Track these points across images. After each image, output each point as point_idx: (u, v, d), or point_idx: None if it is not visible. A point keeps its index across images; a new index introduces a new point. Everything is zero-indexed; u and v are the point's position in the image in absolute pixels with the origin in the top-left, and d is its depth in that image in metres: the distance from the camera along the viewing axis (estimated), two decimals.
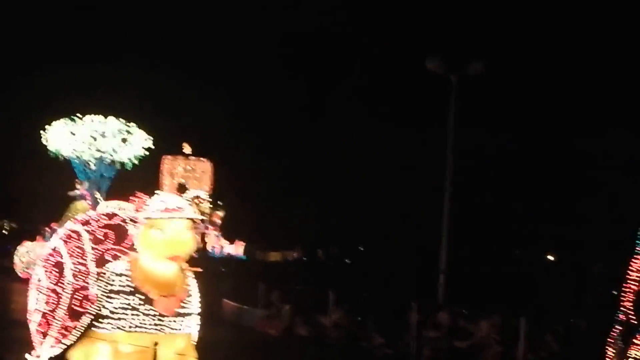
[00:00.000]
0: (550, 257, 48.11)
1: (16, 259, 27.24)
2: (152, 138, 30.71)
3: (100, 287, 9.63)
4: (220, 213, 29.12)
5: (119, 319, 9.57)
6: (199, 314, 9.84)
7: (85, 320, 9.61)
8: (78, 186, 28.19)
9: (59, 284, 9.80)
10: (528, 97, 46.14)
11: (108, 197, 31.30)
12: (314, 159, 44.92)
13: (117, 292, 9.59)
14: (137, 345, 9.76)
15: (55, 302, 9.79)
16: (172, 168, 30.99)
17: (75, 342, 9.72)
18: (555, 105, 46.02)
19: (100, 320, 9.60)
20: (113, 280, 9.62)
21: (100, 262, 9.77)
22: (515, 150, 45.35)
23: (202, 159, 31.40)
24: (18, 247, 27.78)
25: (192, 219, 9.62)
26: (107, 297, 9.60)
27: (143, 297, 9.57)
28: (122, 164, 30.39)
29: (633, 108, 42.46)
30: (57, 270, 9.83)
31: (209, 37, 47.02)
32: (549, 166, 45.71)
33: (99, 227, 9.99)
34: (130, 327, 9.59)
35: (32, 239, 28.63)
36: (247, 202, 31.17)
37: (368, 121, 44.70)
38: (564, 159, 45.21)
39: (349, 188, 43.06)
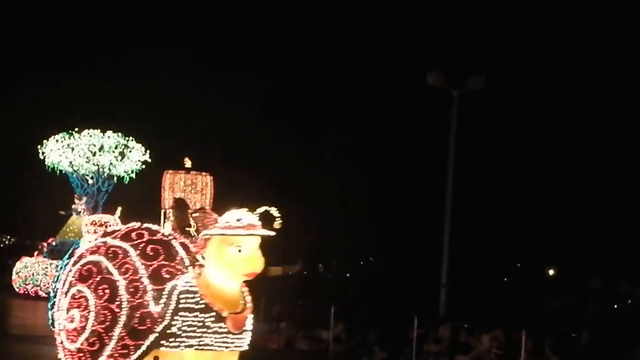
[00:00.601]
0: (551, 271, 48.09)
1: (14, 275, 27.16)
2: (149, 152, 30.72)
3: (163, 304, 9.44)
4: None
5: (189, 337, 9.41)
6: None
7: (150, 338, 9.42)
8: (76, 201, 28.06)
9: (114, 302, 9.51)
10: (528, 111, 46.20)
11: (105, 211, 31.31)
12: (315, 173, 44.95)
13: (187, 310, 9.43)
14: None
15: (110, 321, 9.52)
16: (174, 182, 30.98)
17: None
18: (555, 119, 46.08)
19: (168, 338, 9.42)
20: (181, 298, 9.47)
21: (155, 279, 9.62)
22: (516, 164, 45.36)
23: (203, 173, 31.40)
24: (17, 263, 27.66)
25: (263, 236, 9.38)
26: (176, 314, 9.42)
27: (214, 315, 9.44)
28: (120, 178, 30.38)
29: (635, 121, 42.53)
30: (106, 286, 9.58)
31: (209, 50, 47.09)
32: (549, 179, 45.72)
33: (143, 242, 9.80)
34: (199, 345, 9.46)
35: (30, 255, 28.52)
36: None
37: (369, 135, 44.75)
38: (565, 172, 45.23)
39: (349, 201, 43.10)
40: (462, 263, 30.37)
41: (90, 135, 29.79)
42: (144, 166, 30.32)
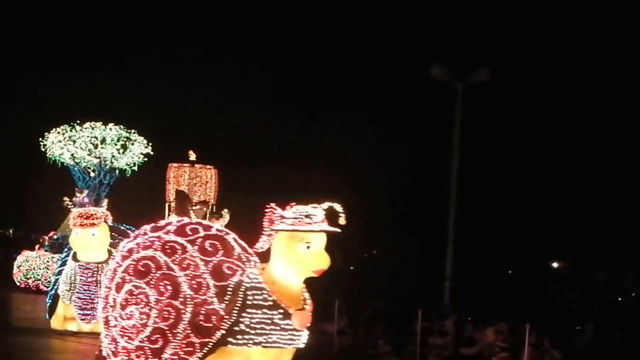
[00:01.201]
0: (555, 265, 48.04)
1: (15, 268, 27.01)
2: (151, 145, 30.59)
3: (228, 301, 9.38)
4: (222, 220, 29.05)
5: (257, 334, 9.41)
6: None
7: (217, 336, 9.36)
8: (78, 194, 27.93)
9: (177, 298, 9.41)
10: (534, 103, 46.11)
11: (107, 204, 31.23)
12: (319, 166, 44.91)
13: (255, 307, 9.40)
14: None
15: (174, 318, 9.38)
16: (178, 175, 30.95)
17: (200, 359, 9.40)
18: (560, 112, 45.97)
19: (235, 335, 9.39)
20: (248, 294, 9.43)
21: (217, 275, 9.49)
22: (521, 157, 45.28)
23: (207, 166, 31.35)
24: (18, 257, 27.51)
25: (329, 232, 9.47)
26: (243, 311, 9.39)
27: (282, 312, 9.45)
28: (122, 171, 30.25)
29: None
30: (168, 283, 9.47)
31: (212, 45, 47.05)
32: (554, 173, 45.64)
33: (200, 237, 9.67)
34: (267, 342, 9.46)
35: (32, 248, 28.44)
36: (251, 209, 31.23)
37: (373, 129, 44.73)
38: (570, 165, 45.15)
39: (353, 195, 43.14)
40: (466, 256, 30.32)
41: (92, 128, 29.64)
42: (146, 159, 30.21)
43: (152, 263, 9.59)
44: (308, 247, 9.36)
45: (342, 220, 9.49)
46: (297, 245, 9.35)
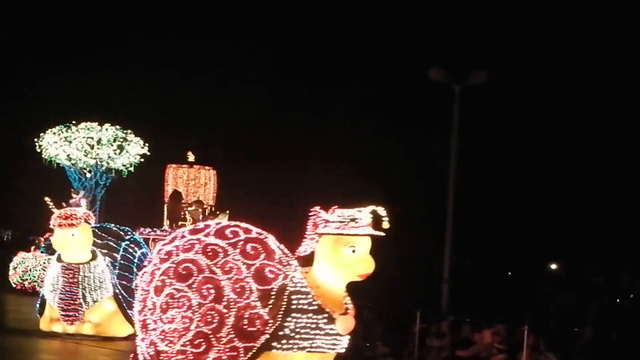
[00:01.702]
0: (553, 266, 48.06)
1: (11, 270, 26.80)
2: (147, 145, 30.40)
3: (272, 305, 9.28)
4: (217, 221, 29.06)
5: (302, 339, 9.34)
6: None
7: (261, 340, 9.26)
8: (74, 195, 27.75)
9: (220, 302, 9.32)
10: (531, 105, 46.13)
11: (102, 205, 31.10)
12: (316, 168, 44.90)
13: (300, 311, 9.33)
14: None
15: (218, 322, 9.29)
16: (177, 176, 30.93)
17: None
18: (558, 114, 46.00)
19: (280, 340, 9.31)
20: (293, 298, 9.34)
21: (259, 278, 9.40)
22: (518, 158, 45.30)
23: (206, 167, 31.32)
24: (14, 258, 27.30)
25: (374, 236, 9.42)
26: (288, 316, 9.31)
27: (327, 316, 9.38)
28: (118, 172, 30.02)
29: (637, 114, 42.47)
30: (211, 286, 9.37)
31: (209, 43, 47.00)
32: (552, 174, 45.67)
33: (242, 240, 9.57)
34: (311, 347, 9.39)
35: (27, 250, 28.28)
36: (250, 211, 31.16)
37: (371, 131, 44.70)
38: (567, 167, 45.18)
39: (351, 196, 43.10)
40: (464, 258, 30.35)
41: (88, 129, 29.37)
42: (142, 160, 30.00)
43: (193, 266, 9.47)
44: (353, 251, 9.28)
45: (385, 224, 9.42)
46: (343, 249, 9.27)
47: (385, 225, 9.38)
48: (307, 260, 9.74)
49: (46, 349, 16.90)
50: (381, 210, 9.40)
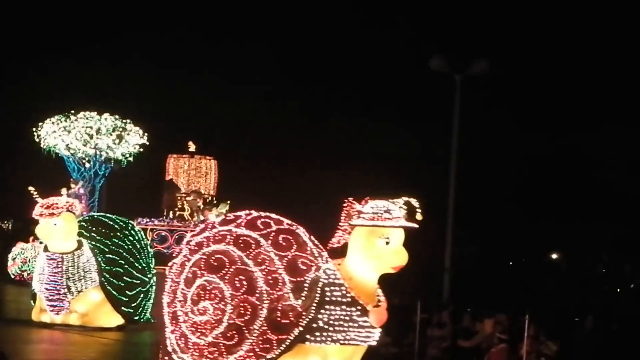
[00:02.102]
0: (554, 256, 48.09)
1: (10, 261, 26.58)
2: (147, 135, 30.23)
3: (304, 297, 9.21)
4: (215, 211, 28.94)
5: (335, 331, 9.25)
6: None
7: (295, 333, 9.19)
8: (73, 185, 27.57)
9: (253, 294, 9.24)
10: (532, 95, 46.11)
11: (102, 195, 30.98)
12: (316, 160, 44.90)
13: (334, 303, 9.25)
14: (346, 358, 9.49)
15: (251, 314, 9.21)
16: (177, 166, 30.90)
17: (277, 356, 9.23)
18: (559, 103, 45.99)
19: (313, 332, 9.22)
20: (326, 290, 9.25)
21: (292, 270, 9.32)
22: (519, 148, 45.31)
23: (207, 157, 31.27)
24: (13, 249, 27.08)
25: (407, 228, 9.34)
26: (321, 308, 9.22)
27: (360, 308, 9.30)
28: (118, 162, 29.87)
29: (638, 106, 42.45)
30: (243, 278, 9.28)
31: (210, 34, 46.92)
32: (553, 164, 45.67)
33: (273, 232, 9.48)
34: (345, 339, 9.30)
35: (27, 240, 28.10)
36: (251, 202, 31.18)
37: (372, 120, 44.69)
38: (568, 157, 45.17)
39: (352, 186, 43.10)
40: (465, 248, 30.38)
41: (87, 118, 29.15)
42: (141, 149, 29.82)
43: (225, 257, 9.40)
44: (387, 243, 9.23)
45: (419, 216, 9.36)
46: (377, 240, 9.21)
47: (419, 216, 9.32)
48: (334, 252, 9.69)
49: (34, 339, 16.85)
50: (414, 202, 9.33)
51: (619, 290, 35.32)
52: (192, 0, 48.22)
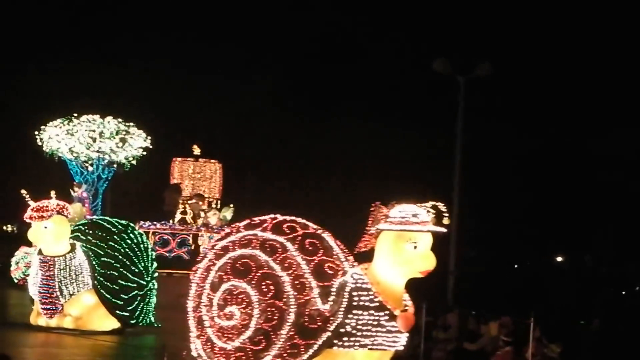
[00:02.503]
0: (559, 259, 48.03)
1: (13, 265, 26.33)
2: (150, 138, 30.08)
3: (332, 302, 9.13)
4: (217, 214, 28.82)
5: (363, 336, 9.16)
6: None
7: (323, 338, 9.13)
8: (76, 188, 27.40)
9: (280, 299, 9.18)
10: (535, 97, 46.08)
11: (106, 198, 30.88)
12: (320, 162, 44.89)
13: (362, 308, 9.15)
14: None
15: (278, 319, 9.15)
16: (182, 170, 30.84)
17: None
18: (562, 106, 45.96)
19: (341, 337, 9.14)
20: (354, 295, 9.18)
21: (319, 275, 9.26)
22: (523, 150, 45.27)
23: (212, 160, 31.22)
24: (16, 253, 26.83)
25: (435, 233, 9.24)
26: (349, 312, 9.14)
27: (388, 313, 9.21)
28: (121, 165, 29.69)
29: None
30: (270, 283, 9.23)
31: (214, 37, 46.91)
32: (556, 167, 45.64)
33: (300, 236, 9.42)
34: (373, 344, 9.21)
35: (29, 244, 27.59)
36: (255, 205, 31.21)
37: (376, 122, 44.68)
38: (572, 160, 45.14)
39: (356, 188, 43.09)
40: (470, 250, 30.36)
41: (89, 121, 28.97)
42: (144, 153, 29.65)
43: (251, 262, 9.35)
44: (415, 247, 9.16)
45: (446, 220, 9.30)
46: (405, 245, 9.14)
47: (446, 220, 9.26)
48: (360, 257, 9.65)
49: (30, 343, 16.79)
50: (442, 206, 9.27)
51: (623, 292, 35.27)
52: (195, 2, 48.19)
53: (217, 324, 9.44)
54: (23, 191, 18.06)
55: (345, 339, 9.15)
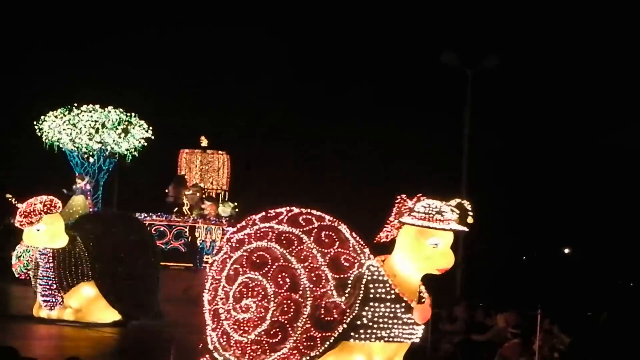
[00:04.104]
0: (567, 250, 48.02)
1: (14, 259, 26.07)
2: (152, 129, 29.71)
3: (348, 294, 9.12)
4: (213, 207, 28.65)
5: (380, 328, 9.16)
6: None
7: (339, 330, 9.11)
8: (78, 181, 27.20)
9: (296, 291, 9.19)
10: (544, 89, 45.99)
11: (106, 191, 30.65)
12: (327, 155, 44.87)
13: (378, 300, 9.15)
14: (390, 356, 9.39)
15: (294, 311, 9.15)
16: (190, 161, 30.78)
17: (321, 353, 9.16)
18: (571, 98, 45.86)
19: (357, 330, 9.14)
20: (370, 287, 9.16)
21: (335, 267, 9.24)
22: (531, 143, 45.23)
23: (219, 152, 31.13)
24: (17, 246, 26.59)
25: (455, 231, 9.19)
26: (365, 305, 9.13)
27: (405, 305, 9.20)
28: (123, 156, 29.33)
29: None
30: (286, 275, 9.23)
31: (222, 25, 46.78)
32: (564, 159, 45.58)
33: (315, 228, 9.42)
34: (389, 336, 9.21)
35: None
36: (261, 198, 31.17)
37: (383, 115, 44.66)
38: (580, 152, 45.09)
39: (363, 181, 43.09)
40: (478, 242, 30.31)
41: (90, 111, 28.57)
42: (146, 144, 29.29)
43: (267, 254, 9.33)
44: (436, 245, 9.13)
45: (470, 219, 9.27)
46: (426, 241, 9.10)
47: (470, 220, 9.23)
48: (376, 249, 9.62)
49: (31, 335, 16.79)
50: (466, 204, 9.24)
51: (632, 284, 35.28)
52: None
53: (233, 316, 9.42)
54: (8, 195, 17.83)
55: (361, 331, 9.12)
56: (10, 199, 17.61)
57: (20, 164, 40.75)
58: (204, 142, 30.78)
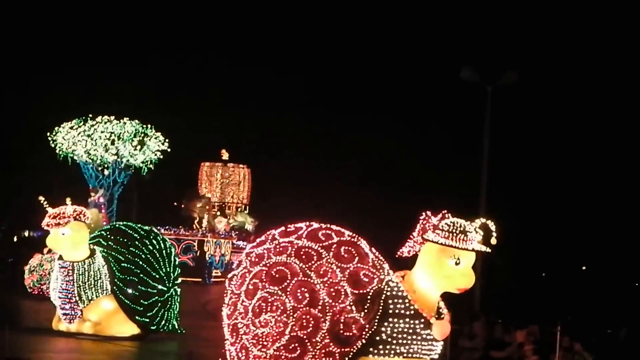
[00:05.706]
0: (586, 267, 47.79)
1: (27, 273, 25.76)
2: (168, 141, 29.54)
3: (367, 309, 9.10)
4: (224, 221, 28.54)
5: (399, 344, 9.15)
6: None
7: (357, 345, 9.08)
8: (92, 194, 27.09)
9: (315, 307, 9.18)
10: (563, 105, 45.93)
11: (121, 205, 30.51)
12: (348, 170, 44.86)
13: (397, 316, 9.13)
14: None
15: (313, 326, 9.14)
16: (210, 175, 30.75)
17: None
18: (590, 113, 45.77)
19: (377, 345, 9.13)
20: (390, 303, 9.14)
21: (354, 282, 9.21)
22: (550, 158, 45.14)
23: (240, 165, 31.10)
24: (30, 260, 26.28)
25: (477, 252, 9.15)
26: (384, 320, 9.13)
27: (424, 321, 9.18)
28: (138, 169, 29.12)
29: None
30: (305, 290, 9.23)
31: (236, 41, 46.93)
32: (583, 174, 45.46)
33: (335, 244, 9.40)
34: (408, 352, 9.20)
35: (42, 251, 26.87)
36: (280, 211, 31.18)
37: (404, 130, 44.68)
38: (600, 167, 44.96)
39: (382, 194, 43.06)
40: (496, 258, 30.22)
41: (105, 123, 28.27)
42: (161, 156, 29.07)
43: (287, 269, 9.34)
44: (457, 264, 9.11)
45: (493, 240, 9.25)
46: (447, 260, 9.08)
47: (493, 241, 9.20)
48: (395, 264, 9.63)
49: (49, 348, 16.83)
50: (491, 225, 9.21)
51: None
52: (214, 3, 47.99)
53: (252, 331, 9.41)
54: (41, 198, 17.97)
55: (380, 347, 9.11)
56: (41, 202, 17.73)
57: (32, 176, 40.65)
58: (225, 155, 30.75)
